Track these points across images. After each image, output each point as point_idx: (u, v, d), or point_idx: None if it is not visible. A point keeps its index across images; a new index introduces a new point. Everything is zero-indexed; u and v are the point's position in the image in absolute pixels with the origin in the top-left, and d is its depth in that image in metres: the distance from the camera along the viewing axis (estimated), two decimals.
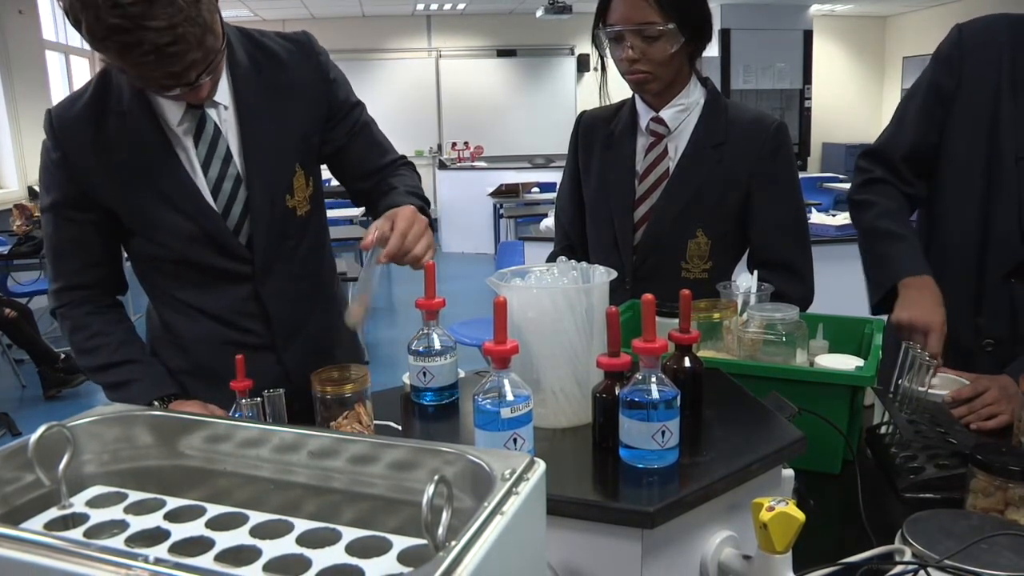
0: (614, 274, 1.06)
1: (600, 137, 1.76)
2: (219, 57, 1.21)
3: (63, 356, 4.77)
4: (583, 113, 1.84)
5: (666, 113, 1.66)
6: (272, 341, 1.49)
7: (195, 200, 1.37)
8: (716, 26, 8.95)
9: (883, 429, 1.34)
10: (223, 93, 1.37)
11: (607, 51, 1.60)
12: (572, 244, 1.85)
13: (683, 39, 1.54)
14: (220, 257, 1.42)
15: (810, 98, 9.74)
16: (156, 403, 1.36)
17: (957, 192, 1.58)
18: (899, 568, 0.90)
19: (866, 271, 1.63)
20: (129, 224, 1.40)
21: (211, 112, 1.37)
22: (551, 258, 1.80)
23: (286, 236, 1.46)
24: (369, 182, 1.55)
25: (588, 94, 10.61)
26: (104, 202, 1.37)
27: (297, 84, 1.44)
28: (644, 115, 1.69)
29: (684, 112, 1.66)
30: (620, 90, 1.73)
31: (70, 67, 8.21)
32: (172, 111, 1.34)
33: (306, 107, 1.45)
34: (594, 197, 1.77)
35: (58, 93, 7.35)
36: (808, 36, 9.53)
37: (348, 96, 1.53)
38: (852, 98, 11.32)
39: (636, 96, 1.71)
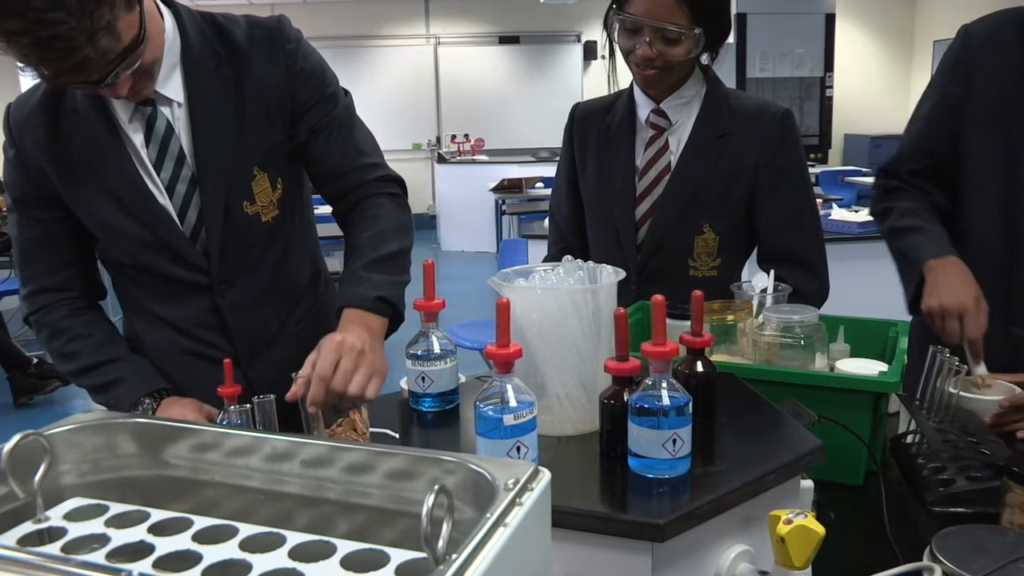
0: (622, 274, 1.06)
1: (596, 130, 1.76)
2: (133, 56, 1.17)
3: (35, 360, 4.77)
4: (577, 105, 1.84)
5: (667, 105, 1.66)
6: (235, 355, 1.43)
7: (146, 202, 1.36)
8: (732, 11, 8.94)
9: (909, 438, 1.34)
10: (177, 89, 1.35)
11: (617, 36, 1.60)
12: (570, 245, 1.84)
13: (704, 43, 1.54)
14: (174, 265, 1.40)
15: (832, 86, 9.72)
16: (147, 400, 1.36)
17: (980, 202, 1.60)
18: None
19: (900, 276, 1.65)
20: (88, 226, 1.40)
21: (164, 110, 1.35)
22: (547, 260, 1.79)
23: (248, 245, 1.43)
24: (334, 186, 1.47)
25: (595, 83, 10.62)
26: (64, 201, 1.37)
27: (258, 78, 1.39)
28: (644, 107, 1.69)
29: (685, 104, 1.67)
30: (628, 78, 1.73)
31: None
32: (122, 108, 1.33)
33: (267, 103, 1.40)
34: (593, 194, 1.77)
35: (27, 83, 7.35)
36: (830, 20, 9.51)
37: (321, 87, 1.45)
38: (877, 86, 11.29)
39: (635, 87, 1.71)
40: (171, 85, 1.34)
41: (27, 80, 1.20)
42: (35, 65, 1.12)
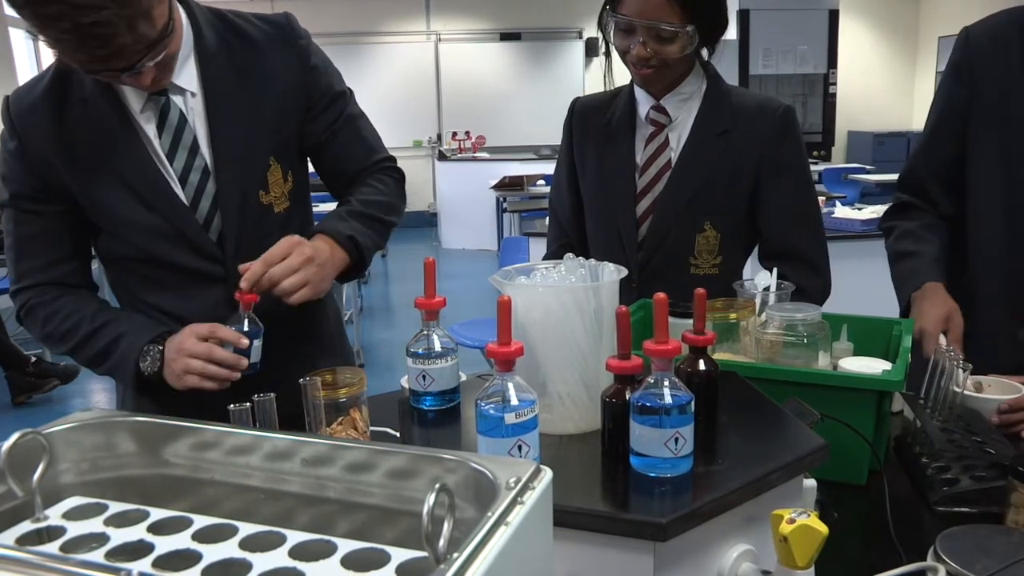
0: (624, 272, 1.06)
1: (596, 127, 1.76)
2: (161, 45, 1.20)
3: (33, 359, 4.78)
4: (576, 100, 1.84)
5: (667, 102, 1.66)
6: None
7: (160, 191, 1.37)
8: (734, 7, 8.92)
9: (913, 437, 1.34)
10: (191, 79, 1.37)
11: (612, 36, 1.60)
12: (571, 241, 1.84)
13: (698, 40, 1.54)
14: (189, 255, 1.41)
15: (835, 83, 9.71)
16: (151, 347, 1.35)
17: (984, 203, 1.62)
18: None
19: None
20: (94, 219, 1.40)
21: (177, 99, 1.36)
22: (548, 258, 1.79)
23: (262, 235, 1.44)
24: (346, 182, 1.53)
25: (596, 80, 10.57)
26: (68, 194, 1.38)
27: (273, 71, 1.42)
28: (644, 104, 1.69)
29: (686, 100, 1.67)
30: (626, 76, 1.73)
31: (38, 47, 8.18)
32: (134, 97, 1.34)
33: (282, 96, 1.44)
34: (593, 192, 1.77)
35: (24, 74, 7.35)
36: (834, 16, 9.50)
37: (332, 85, 1.50)
38: (881, 83, 11.29)
39: (634, 83, 1.71)
40: (185, 75, 1.36)
41: (25, 73, 1.21)
42: (70, 52, 1.12)
